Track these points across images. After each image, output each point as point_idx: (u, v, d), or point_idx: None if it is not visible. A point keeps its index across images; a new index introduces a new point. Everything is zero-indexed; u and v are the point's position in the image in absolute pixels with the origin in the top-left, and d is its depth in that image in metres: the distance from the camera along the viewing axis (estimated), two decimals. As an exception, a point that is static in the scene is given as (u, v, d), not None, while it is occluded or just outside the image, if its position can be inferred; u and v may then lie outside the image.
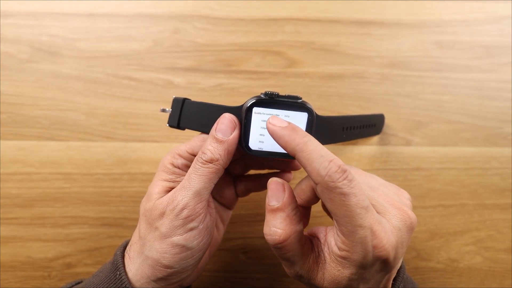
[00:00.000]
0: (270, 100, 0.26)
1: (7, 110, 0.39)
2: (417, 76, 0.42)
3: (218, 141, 0.26)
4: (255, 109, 0.27)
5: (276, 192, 0.25)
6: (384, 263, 0.23)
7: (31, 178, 0.39)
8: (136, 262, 0.26)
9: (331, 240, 0.24)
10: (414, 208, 0.41)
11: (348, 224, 0.22)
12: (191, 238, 0.25)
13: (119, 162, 0.40)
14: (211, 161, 0.26)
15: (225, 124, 0.26)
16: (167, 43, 0.40)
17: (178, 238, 0.25)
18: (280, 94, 0.27)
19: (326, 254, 0.24)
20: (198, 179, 0.26)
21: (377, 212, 0.24)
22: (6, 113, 0.39)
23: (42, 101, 0.40)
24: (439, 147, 0.41)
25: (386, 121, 0.41)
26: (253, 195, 0.40)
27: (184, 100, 0.30)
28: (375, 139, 0.41)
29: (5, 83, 0.40)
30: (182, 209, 0.25)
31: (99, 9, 0.40)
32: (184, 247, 0.25)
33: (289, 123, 0.25)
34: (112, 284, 0.26)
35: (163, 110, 0.31)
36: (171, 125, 0.30)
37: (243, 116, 0.27)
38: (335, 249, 0.23)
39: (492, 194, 0.41)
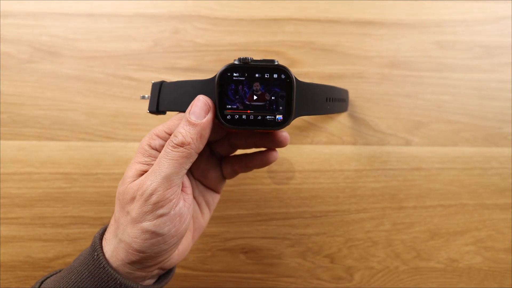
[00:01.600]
0: (243, 66, 0.25)
1: (7, 110, 0.40)
2: (417, 76, 0.42)
3: (191, 124, 0.25)
4: (228, 76, 0.25)
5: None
6: None
7: (31, 178, 0.39)
8: (112, 244, 0.26)
9: None
10: (414, 208, 0.41)
11: None
12: (161, 224, 0.25)
13: (119, 162, 0.40)
14: (182, 144, 0.25)
15: (199, 107, 0.25)
16: (167, 43, 0.40)
17: (147, 224, 0.25)
18: (254, 59, 0.25)
19: None
20: (167, 164, 0.25)
21: None
22: (6, 113, 0.40)
23: (42, 101, 0.40)
24: (439, 147, 0.41)
25: (386, 121, 0.41)
26: (253, 195, 0.40)
27: (162, 82, 0.28)
28: (374, 139, 0.41)
29: (5, 83, 0.40)
30: (151, 194, 0.24)
31: (99, 9, 0.40)
32: (154, 233, 0.25)
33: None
34: (91, 265, 0.25)
35: (143, 97, 0.30)
36: (151, 111, 0.29)
37: (217, 85, 0.25)
38: None
39: (492, 194, 0.41)
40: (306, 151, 0.41)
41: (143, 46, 0.40)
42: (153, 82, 0.29)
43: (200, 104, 0.25)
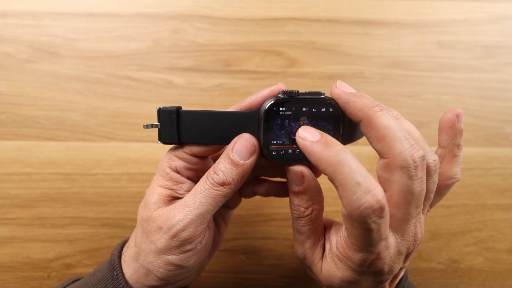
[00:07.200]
0: (290, 100, 0.24)
1: (7, 110, 0.39)
2: (418, 76, 0.41)
3: (233, 163, 0.24)
4: (275, 111, 0.24)
5: (295, 179, 0.24)
6: (377, 274, 0.23)
7: (31, 178, 0.39)
8: (131, 267, 0.26)
9: (333, 238, 0.24)
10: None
11: (359, 245, 0.21)
12: (187, 258, 0.24)
13: (118, 162, 0.40)
14: (222, 184, 0.24)
15: (244, 146, 0.24)
16: (167, 43, 0.40)
17: (173, 258, 0.24)
18: (300, 91, 0.24)
19: (326, 248, 0.24)
20: (205, 201, 0.24)
21: (392, 229, 0.22)
22: (6, 113, 0.39)
23: (42, 101, 0.40)
24: (440, 147, 0.41)
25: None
26: (253, 196, 0.40)
27: (177, 110, 0.25)
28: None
29: (5, 83, 0.39)
30: (181, 231, 0.23)
31: (99, 9, 0.40)
32: (179, 266, 0.24)
33: (322, 135, 0.22)
34: (110, 284, 0.25)
35: (149, 126, 0.26)
36: (166, 142, 0.26)
37: (262, 120, 0.24)
38: (334, 249, 0.23)
39: (493, 195, 0.41)
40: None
41: (143, 46, 0.40)
42: (160, 108, 0.25)
43: (246, 144, 0.24)
